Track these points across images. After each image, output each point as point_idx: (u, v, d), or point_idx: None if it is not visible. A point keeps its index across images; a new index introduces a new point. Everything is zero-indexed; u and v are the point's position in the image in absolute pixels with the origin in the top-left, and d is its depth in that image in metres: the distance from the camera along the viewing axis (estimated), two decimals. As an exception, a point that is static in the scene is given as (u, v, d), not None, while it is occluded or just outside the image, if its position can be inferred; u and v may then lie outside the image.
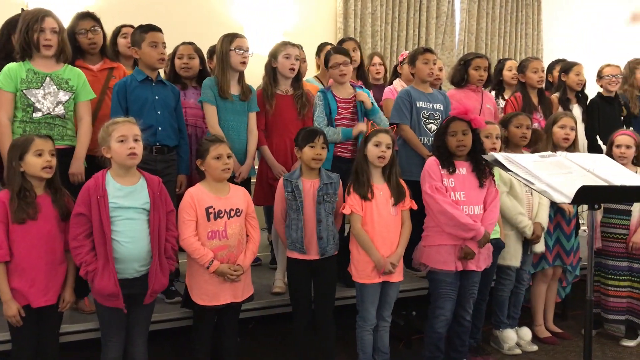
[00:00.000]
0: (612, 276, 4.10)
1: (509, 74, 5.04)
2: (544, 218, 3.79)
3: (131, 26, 4.01)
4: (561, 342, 4.07)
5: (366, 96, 3.85)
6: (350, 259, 3.32)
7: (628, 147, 4.03)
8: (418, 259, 3.44)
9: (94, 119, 3.35)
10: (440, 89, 4.73)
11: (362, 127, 3.73)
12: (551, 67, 5.34)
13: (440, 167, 3.31)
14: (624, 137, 4.07)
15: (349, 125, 3.80)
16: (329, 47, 4.74)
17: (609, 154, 4.01)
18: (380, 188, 3.26)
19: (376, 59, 5.17)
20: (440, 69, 4.81)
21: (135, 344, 2.86)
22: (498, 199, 3.43)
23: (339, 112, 3.79)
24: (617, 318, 4.11)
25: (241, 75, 3.64)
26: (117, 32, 4.04)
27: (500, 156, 2.69)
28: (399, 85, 4.66)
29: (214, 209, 2.96)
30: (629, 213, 4.04)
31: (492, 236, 3.41)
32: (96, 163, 2.94)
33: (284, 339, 3.91)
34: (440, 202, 3.24)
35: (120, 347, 2.82)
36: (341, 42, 4.54)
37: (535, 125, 4.23)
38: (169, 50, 3.61)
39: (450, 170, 3.31)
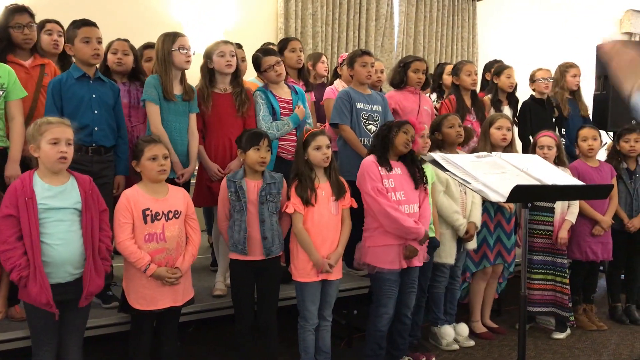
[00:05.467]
0: (537, 270, 4.28)
1: (448, 78, 5.15)
2: (477, 217, 3.90)
3: (55, 21, 3.86)
4: (497, 337, 4.19)
5: (303, 111, 3.88)
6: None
7: (549, 147, 4.19)
8: (360, 260, 3.45)
9: (29, 118, 3.21)
10: (380, 90, 4.79)
11: (302, 110, 3.85)
12: (489, 66, 5.50)
13: (378, 167, 3.34)
14: (545, 139, 4.23)
15: None
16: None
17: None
18: (323, 187, 3.27)
19: (324, 58, 5.21)
20: (382, 71, 4.87)
21: (70, 351, 2.75)
22: (428, 195, 3.52)
23: (281, 112, 3.80)
24: (542, 310, 4.28)
25: (183, 75, 3.55)
26: (41, 27, 3.77)
27: (438, 156, 2.74)
28: (339, 85, 4.69)
29: (151, 211, 2.89)
30: (552, 210, 4.21)
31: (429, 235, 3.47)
32: (26, 163, 2.81)
33: (226, 341, 3.87)
34: (383, 205, 3.27)
35: (53, 355, 2.70)
36: (286, 40, 4.49)
37: (468, 125, 4.35)
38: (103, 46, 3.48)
39: (388, 168, 3.35)
